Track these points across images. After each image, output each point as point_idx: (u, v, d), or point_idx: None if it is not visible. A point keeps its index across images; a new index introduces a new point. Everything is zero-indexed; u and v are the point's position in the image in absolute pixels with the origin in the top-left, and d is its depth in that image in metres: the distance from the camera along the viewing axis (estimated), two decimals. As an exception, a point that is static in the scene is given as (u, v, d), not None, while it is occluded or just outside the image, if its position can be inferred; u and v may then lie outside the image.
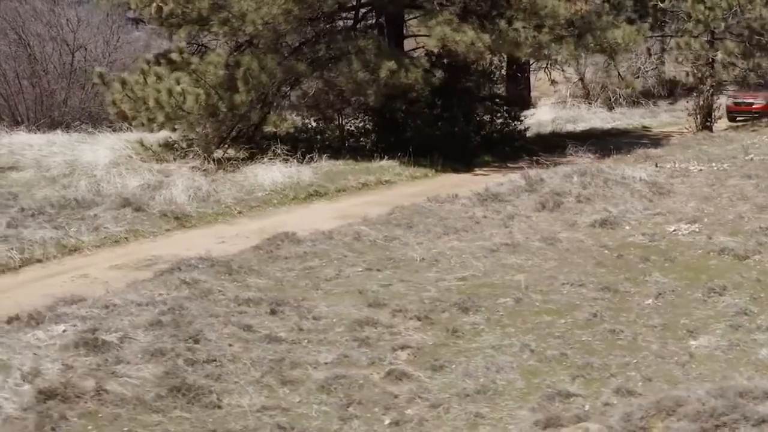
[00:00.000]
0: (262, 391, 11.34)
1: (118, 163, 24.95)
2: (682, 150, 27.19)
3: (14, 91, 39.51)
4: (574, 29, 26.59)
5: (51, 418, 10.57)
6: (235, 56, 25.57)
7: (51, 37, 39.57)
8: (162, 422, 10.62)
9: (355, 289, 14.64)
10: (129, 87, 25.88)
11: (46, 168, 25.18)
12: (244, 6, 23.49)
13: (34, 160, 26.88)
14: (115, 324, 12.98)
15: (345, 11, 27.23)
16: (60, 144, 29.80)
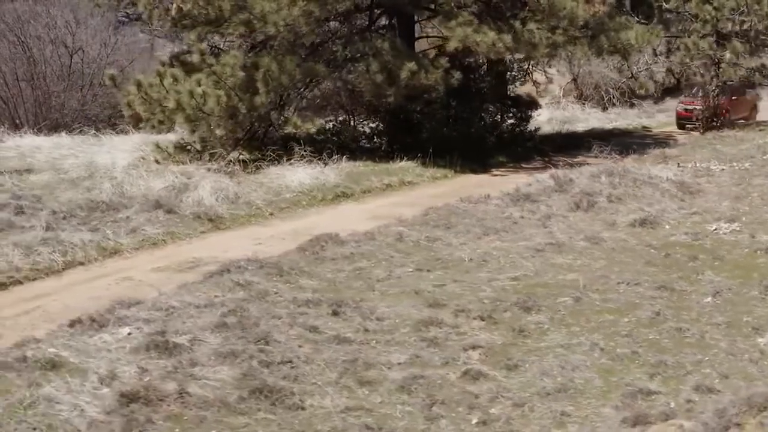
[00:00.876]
0: (342, 392, 11.31)
1: (137, 165, 24.84)
2: (696, 150, 27.39)
3: (14, 94, 39.24)
4: (587, 30, 26.69)
5: (137, 421, 10.52)
6: (250, 57, 25.48)
7: (50, 39, 39.26)
8: (249, 424, 10.60)
9: (411, 290, 14.64)
10: (144, 89, 25.71)
11: (63, 170, 25.07)
12: (266, 7, 23.40)
13: (47, 162, 26.77)
14: (181, 326, 12.93)
15: (360, 12, 27.17)
16: (68, 146, 29.71)
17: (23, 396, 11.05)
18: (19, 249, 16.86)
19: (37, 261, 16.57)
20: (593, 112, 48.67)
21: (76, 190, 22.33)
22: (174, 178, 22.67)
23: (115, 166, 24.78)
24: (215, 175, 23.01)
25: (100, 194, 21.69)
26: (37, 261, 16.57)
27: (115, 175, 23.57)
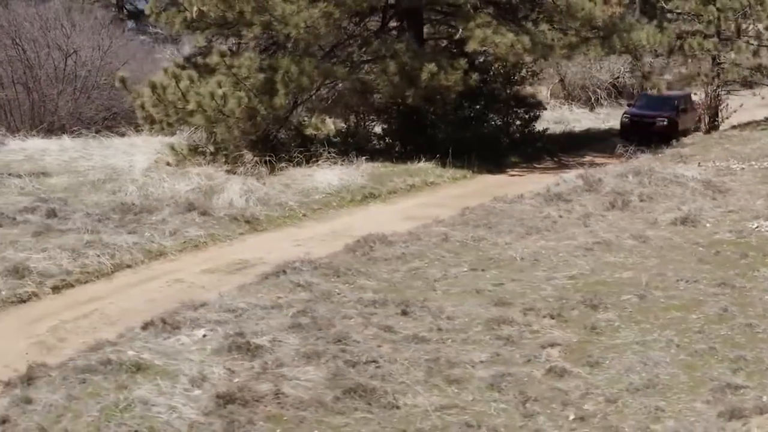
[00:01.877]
0: (432, 391, 11.39)
1: (153, 168, 24.75)
2: (707, 149, 27.67)
3: (10, 98, 38.92)
4: (599, 31, 26.89)
5: (238, 422, 10.56)
6: (265, 60, 25.47)
7: (46, 42, 38.99)
8: (348, 423, 10.65)
9: (471, 289, 14.74)
10: (159, 91, 25.64)
11: (79, 173, 24.91)
12: (287, 9, 23.42)
13: (59, 165, 26.60)
14: (256, 327, 12.95)
15: (374, 13, 27.22)
16: (74, 149, 29.54)
17: (117, 399, 11.05)
18: (66, 252, 16.79)
19: (86, 264, 16.52)
20: (581, 113, 49.11)
21: (100, 192, 22.25)
22: (199, 181, 22.60)
23: (132, 168, 24.64)
24: (239, 177, 22.97)
25: (127, 197, 21.66)
26: (86, 264, 16.52)
27: (136, 178, 23.46)
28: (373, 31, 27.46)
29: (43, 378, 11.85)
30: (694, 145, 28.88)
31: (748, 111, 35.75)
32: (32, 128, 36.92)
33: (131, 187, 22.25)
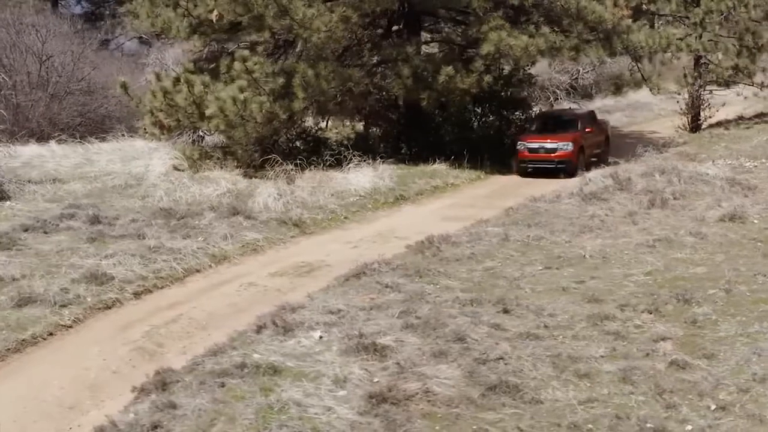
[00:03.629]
0: (567, 385, 11.68)
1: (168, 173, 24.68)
2: (706, 148, 28.41)
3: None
4: (598, 33, 27.48)
5: (396, 421, 10.75)
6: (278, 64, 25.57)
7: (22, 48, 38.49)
8: (502, 419, 10.90)
9: (557, 287, 15.09)
10: (170, 96, 25.61)
11: (93, 179, 24.76)
12: (307, 13, 23.58)
13: (66, 171, 26.43)
14: (370, 328, 13.16)
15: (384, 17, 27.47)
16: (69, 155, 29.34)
17: (269, 401, 11.18)
18: (135, 258, 16.77)
19: (159, 269, 16.55)
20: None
21: (127, 198, 22.21)
22: (227, 185, 22.65)
23: (148, 173, 24.56)
24: (265, 181, 23.06)
25: (158, 202, 21.61)
26: (159, 269, 16.55)
27: (156, 183, 23.40)
28: (380, 34, 27.67)
29: (177, 383, 11.91)
30: (691, 144, 29.60)
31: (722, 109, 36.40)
32: (12, 135, 36.41)
33: (159, 192, 22.16)
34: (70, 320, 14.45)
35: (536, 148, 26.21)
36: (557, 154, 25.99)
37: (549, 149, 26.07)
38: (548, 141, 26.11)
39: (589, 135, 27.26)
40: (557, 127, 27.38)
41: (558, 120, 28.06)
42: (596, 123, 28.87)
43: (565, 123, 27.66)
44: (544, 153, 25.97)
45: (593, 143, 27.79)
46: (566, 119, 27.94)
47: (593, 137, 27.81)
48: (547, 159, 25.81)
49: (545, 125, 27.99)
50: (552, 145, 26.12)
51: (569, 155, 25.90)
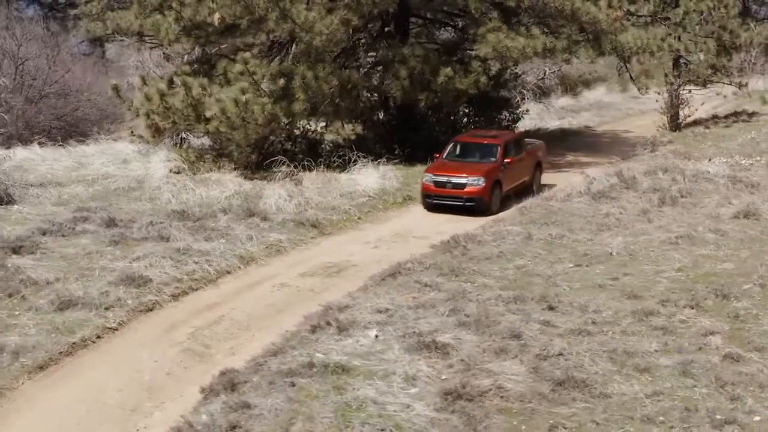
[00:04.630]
0: (630, 380, 11.96)
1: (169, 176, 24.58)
2: (693, 146, 28.87)
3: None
4: (587, 34, 27.81)
5: (474, 417, 10.96)
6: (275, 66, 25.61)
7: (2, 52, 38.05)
8: (576, 413, 11.16)
9: (592, 284, 15.39)
10: (166, 98, 25.52)
11: (93, 182, 24.52)
12: (309, 16, 23.68)
13: (62, 175, 26.05)
14: (423, 327, 13.34)
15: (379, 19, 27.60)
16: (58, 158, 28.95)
17: (345, 400, 11.33)
18: (167, 260, 16.80)
19: (192, 271, 16.60)
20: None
21: (134, 201, 22.09)
22: (233, 187, 22.68)
23: (149, 176, 24.43)
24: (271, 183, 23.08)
25: (167, 204, 21.57)
26: (192, 271, 16.60)
27: (159, 185, 23.32)
28: (374, 36, 27.82)
29: (246, 383, 12.00)
30: (677, 143, 30.02)
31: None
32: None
33: (165, 194, 22.13)
34: (115, 323, 14.44)
35: (443, 182, 21.79)
36: (467, 191, 21.62)
37: (457, 184, 21.67)
38: (457, 174, 21.76)
39: (509, 166, 22.65)
40: (473, 156, 23.09)
41: (475, 147, 23.37)
42: (523, 149, 24.05)
43: (483, 151, 23.11)
44: (451, 188, 21.65)
45: (514, 175, 23.16)
46: (485, 146, 23.22)
47: (515, 168, 23.06)
48: (455, 195, 21.61)
49: (460, 152, 23.39)
50: (461, 180, 21.69)
51: (480, 192, 21.59)
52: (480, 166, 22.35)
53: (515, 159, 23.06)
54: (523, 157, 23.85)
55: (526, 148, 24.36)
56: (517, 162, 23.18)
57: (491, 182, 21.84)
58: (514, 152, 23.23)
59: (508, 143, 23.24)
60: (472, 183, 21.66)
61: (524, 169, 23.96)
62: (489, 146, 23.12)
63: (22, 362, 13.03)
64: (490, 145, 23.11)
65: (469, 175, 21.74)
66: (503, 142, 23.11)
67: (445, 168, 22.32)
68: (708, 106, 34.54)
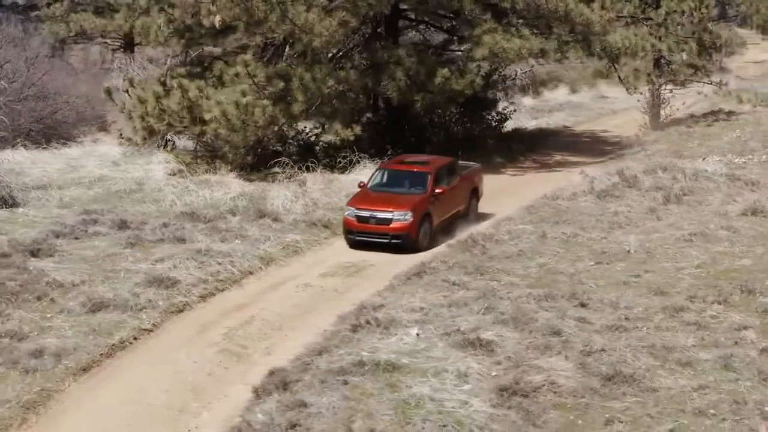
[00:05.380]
0: (673, 374, 12.25)
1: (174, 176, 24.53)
2: (681, 145, 29.16)
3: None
4: (576, 35, 28.12)
5: (532, 412, 11.18)
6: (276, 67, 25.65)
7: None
8: (629, 407, 11.43)
9: (617, 281, 15.68)
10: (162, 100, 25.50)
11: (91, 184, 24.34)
12: (309, 18, 23.78)
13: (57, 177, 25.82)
14: (464, 324, 13.52)
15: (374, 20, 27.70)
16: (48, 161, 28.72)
17: (402, 397, 11.50)
18: (191, 262, 16.86)
19: (215, 272, 16.70)
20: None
21: (138, 203, 22.05)
22: (238, 189, 22.71)
23: (148, 178, 24.35)
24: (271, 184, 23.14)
25: (172, 206, 21.56)
26: (215, 272, 16.70)
27: (160, 187, 23.27)
28: (365, 37, 27.94)
29: (297, 382, 12.11)
30: (663, 142, 30.20)
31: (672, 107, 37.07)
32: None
33: (169, 196, 22.13)
34: (150, 324, 14.50)
35: (366, 216, 19.19)
36: (393, 227, 19.06)
37: (382, 219, 19.10)
38: (382, 208, 19.18)
39: (440, 197, 19.97)
40: (400, 185, 20.41)
41: (403, 176, 20.72)
42: (456, 176, 21.29)
43: (412, 180, 20.44)
44: (375, 223, 19.10)
45: (447, 206, 20.47)
46: (413, 175, 20.54)
47: (447, 199, 20.36)
48: (380, 232, 19.05)
49: (387, 181, 20.77)
50: (386, 215, 19.10)
51: (407, 228, 19.03)
52: (408, 198, 19.72)
53: (448, 188, 20.37)
54: (458, 185, 21.10)
55: (460, 173, 21.55)
56: (450, 191, 20.47)
57: (420, 216, 19.31)
58: (446, 180, 20.53)
59: (439, 171, 20.53)
60: (398, 218, 19.08)
61: (458, 197, 21.13)
62: (418, 175, 20.40)
63: (66, 364, 13.07)
64: (420, 174, 20.39)
65: (396, 208, 19.16)
66: (434, 170, 20.36)
67: (369, 200, 19.65)
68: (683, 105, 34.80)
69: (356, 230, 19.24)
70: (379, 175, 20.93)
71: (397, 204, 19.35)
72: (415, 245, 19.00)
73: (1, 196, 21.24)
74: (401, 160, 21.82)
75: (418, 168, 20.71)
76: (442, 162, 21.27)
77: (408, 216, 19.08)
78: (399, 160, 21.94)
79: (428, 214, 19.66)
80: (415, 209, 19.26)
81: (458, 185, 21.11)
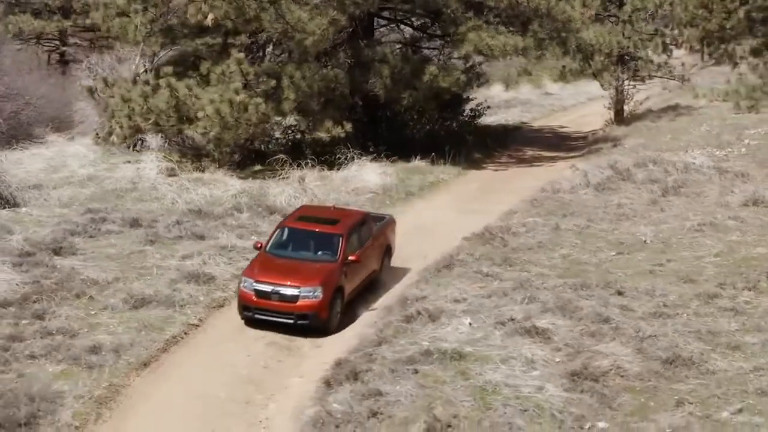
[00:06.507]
0: (726, 357, 12.77)
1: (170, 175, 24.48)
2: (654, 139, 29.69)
3: None
4: (551, 33, 28.62)
5: (606, 396, 11.59)
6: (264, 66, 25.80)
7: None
8: (694, 389, 11.89)
9: (643, 270, 16.18)
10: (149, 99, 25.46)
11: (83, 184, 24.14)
12: (302, 17, 23.97)
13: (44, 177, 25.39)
14: (513, 314, 13.87)
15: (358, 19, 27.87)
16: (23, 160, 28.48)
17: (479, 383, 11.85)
18: (219, 257, 17.03)
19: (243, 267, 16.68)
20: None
21: (138, 201, 22.00)
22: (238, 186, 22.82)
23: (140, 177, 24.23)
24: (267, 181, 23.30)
25: (173, 204, 21.58)
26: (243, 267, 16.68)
27: (156, 186, 23.24)
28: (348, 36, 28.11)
29: (367, 372, 12.37)
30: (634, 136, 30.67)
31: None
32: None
33: (169, 194, 22.15)
34: (196, 319, 14.62)
35: (267, 292, 15.21)
36: (299, 305, 15.20)
37: (286, 296, 15.23)
38: (286, 282, 15.33)
39: (353, 265, 16.16)
40: (306, 249, 16.56)
41: (310, 238, 16.73)
42: (370, 234, 17.36)
43: (320, 243, 16.53)
44: (278, 300, 15.19)
45: (360, 272, 16.61)
46: (322, 237, 16.57)
47: (361, 265, 16.49)
48: (284, 311, 15.17)
49: (290, 243, 16.74)
50: (291, 291, 15.24)
51: (317, 307, 15.22)
52: (316, 267, 15.86)
53: (362, 252, 16.54)
54: (371, 244, 17.16)
55: (373, 230, 17.56)
56: (363, 253, 16.62)
57: (332, 292, 15.48)
58: (358, 243, 16.62)
59: (351, 232, 16.63)
60: (306, 295, 15.22)
61: (372, 258, 17.19)
62: (327, 238, 16.49)
63: (126, 360, 13.16)
64: (329, 237, 16.48)
65: (303, 283, 15.33)
66: (345, 232, 16.48)
67: (270, 270, 15.64)
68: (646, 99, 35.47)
69: (254, 307, 15.17)
70: (279, 236, 16.73)
71: (305, 276, 15.50)
72: (326, 326, 15.32)
73: (3, 196, 21.00)
74: (305, 215, 17.35)
75: (328, 229, 16.61)
76: (353, 219, 17.23)
77: (318, 292, 15.22)
78: (303, 215, 17.41)
79: (341, 287, 15.79)
80: (326, 283, 15.44)
81: (372, 245, 17.20)
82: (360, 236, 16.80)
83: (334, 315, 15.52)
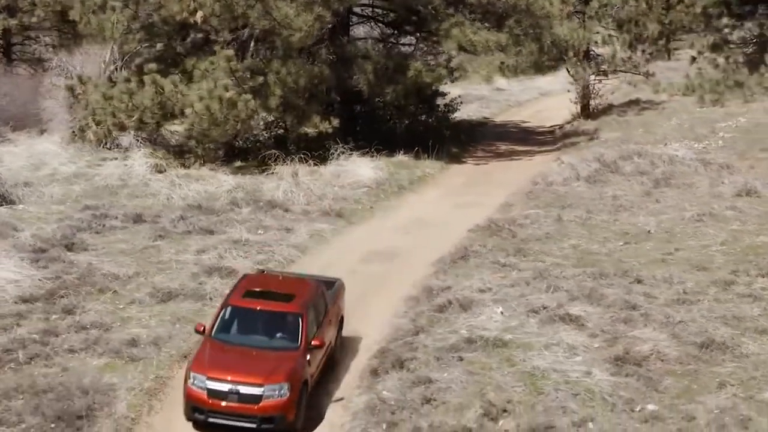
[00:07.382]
0: (756, 341, 13.22)
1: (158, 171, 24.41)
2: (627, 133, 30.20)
3: None
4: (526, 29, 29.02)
5: (651, 379, 11.96)
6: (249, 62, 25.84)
7: None
8: (733, 371, 12.32)
9: (655, 259, 16.61)
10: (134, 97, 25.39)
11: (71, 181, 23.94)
12: (289, 13, 24.08)
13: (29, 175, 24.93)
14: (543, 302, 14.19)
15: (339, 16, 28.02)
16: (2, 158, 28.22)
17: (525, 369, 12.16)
18: (234, 251, 17.13)
19: (261, 261, 16.97)
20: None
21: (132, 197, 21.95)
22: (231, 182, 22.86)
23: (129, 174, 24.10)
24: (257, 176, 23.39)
25: (168, 200, 21.58)
26: (261, 261, 16.97)
27: (146, 182, 23.19)
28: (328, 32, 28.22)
29: (412, 360, 12.60)
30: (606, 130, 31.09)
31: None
32: None
33: (163, 191, 22.14)
34: (226, 312, 14.62)
35: (223, 392, 12.14)
36: (263, 405, 12.19)
37: (247, 396, 12.20)
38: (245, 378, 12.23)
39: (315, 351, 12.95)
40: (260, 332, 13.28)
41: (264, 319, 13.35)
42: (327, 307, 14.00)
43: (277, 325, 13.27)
44: (237, 402, 12.16)
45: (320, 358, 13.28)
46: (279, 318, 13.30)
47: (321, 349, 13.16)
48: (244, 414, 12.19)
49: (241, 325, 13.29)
50: (253, 390, 12.20)
51: (284, 407, 12.22)
52: (276, 357, 12.74)
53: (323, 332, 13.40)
54: (328, 320, 13.85)
55: (327, 301, 14.12)
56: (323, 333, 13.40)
57: (299, 387, 12.41)
58: (316, 321, 13.37)
59: (308, 308, 13.28)
60: (271, 394, 12.20)
61: (330, 333, 13.92)
62: (284, 318, 13.28)
63: (168, 352, 13.22)
64: (286, 316, 13.27)
65: (266, 379, 12.25)
66: (305, 309, 13.18)
67: (222, 364, 12.44)
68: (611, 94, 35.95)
69: (207, 409, 12.15)
70: (225, 317, 13.19)
71: (266, 370, 12.41)
72: (293, 428, 12.42)
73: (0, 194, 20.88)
74: (253, 290, 13.65)
75: (283, 307, 13.27)
76: (309, 292, 13.72)
77: (284, 390, 12.21)
78: (250, 289, 13.69)
79: (305, 382, 12.62)
80: (292, 377, 12.37)
81: (328, 320, 13.90)
82: (317, 311, 13.51)
83: (301, 414, 12.49)
